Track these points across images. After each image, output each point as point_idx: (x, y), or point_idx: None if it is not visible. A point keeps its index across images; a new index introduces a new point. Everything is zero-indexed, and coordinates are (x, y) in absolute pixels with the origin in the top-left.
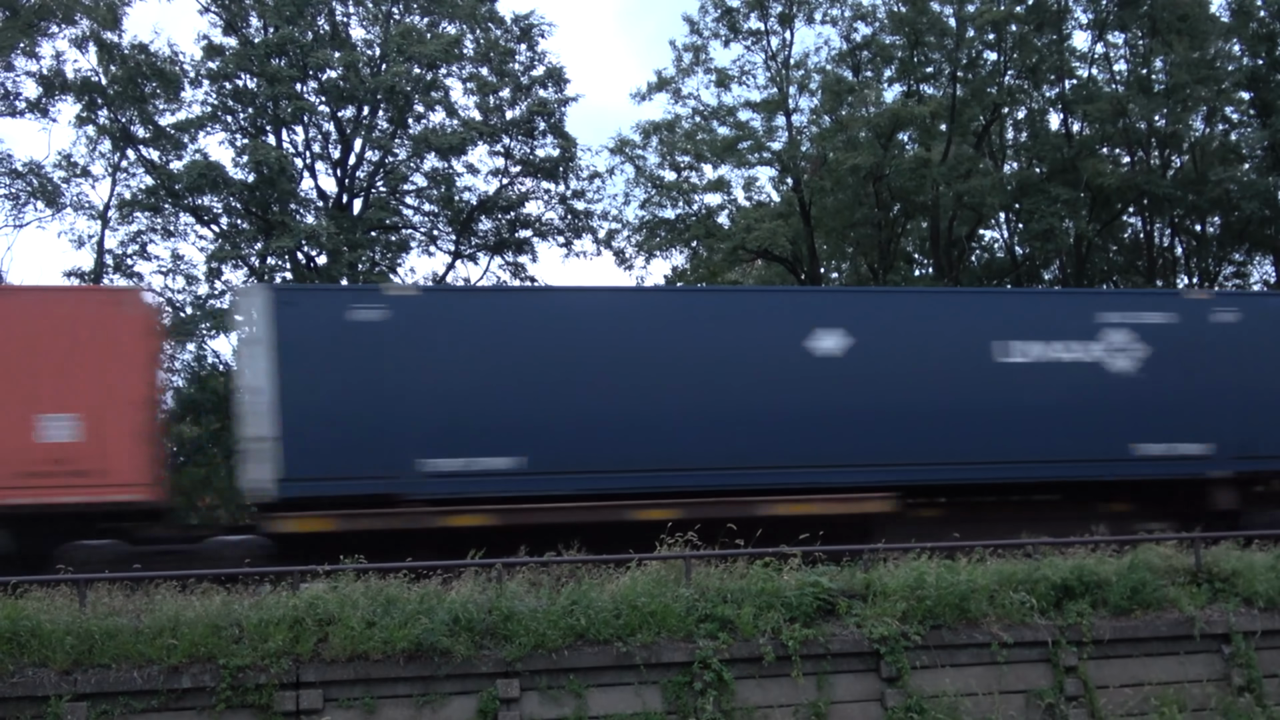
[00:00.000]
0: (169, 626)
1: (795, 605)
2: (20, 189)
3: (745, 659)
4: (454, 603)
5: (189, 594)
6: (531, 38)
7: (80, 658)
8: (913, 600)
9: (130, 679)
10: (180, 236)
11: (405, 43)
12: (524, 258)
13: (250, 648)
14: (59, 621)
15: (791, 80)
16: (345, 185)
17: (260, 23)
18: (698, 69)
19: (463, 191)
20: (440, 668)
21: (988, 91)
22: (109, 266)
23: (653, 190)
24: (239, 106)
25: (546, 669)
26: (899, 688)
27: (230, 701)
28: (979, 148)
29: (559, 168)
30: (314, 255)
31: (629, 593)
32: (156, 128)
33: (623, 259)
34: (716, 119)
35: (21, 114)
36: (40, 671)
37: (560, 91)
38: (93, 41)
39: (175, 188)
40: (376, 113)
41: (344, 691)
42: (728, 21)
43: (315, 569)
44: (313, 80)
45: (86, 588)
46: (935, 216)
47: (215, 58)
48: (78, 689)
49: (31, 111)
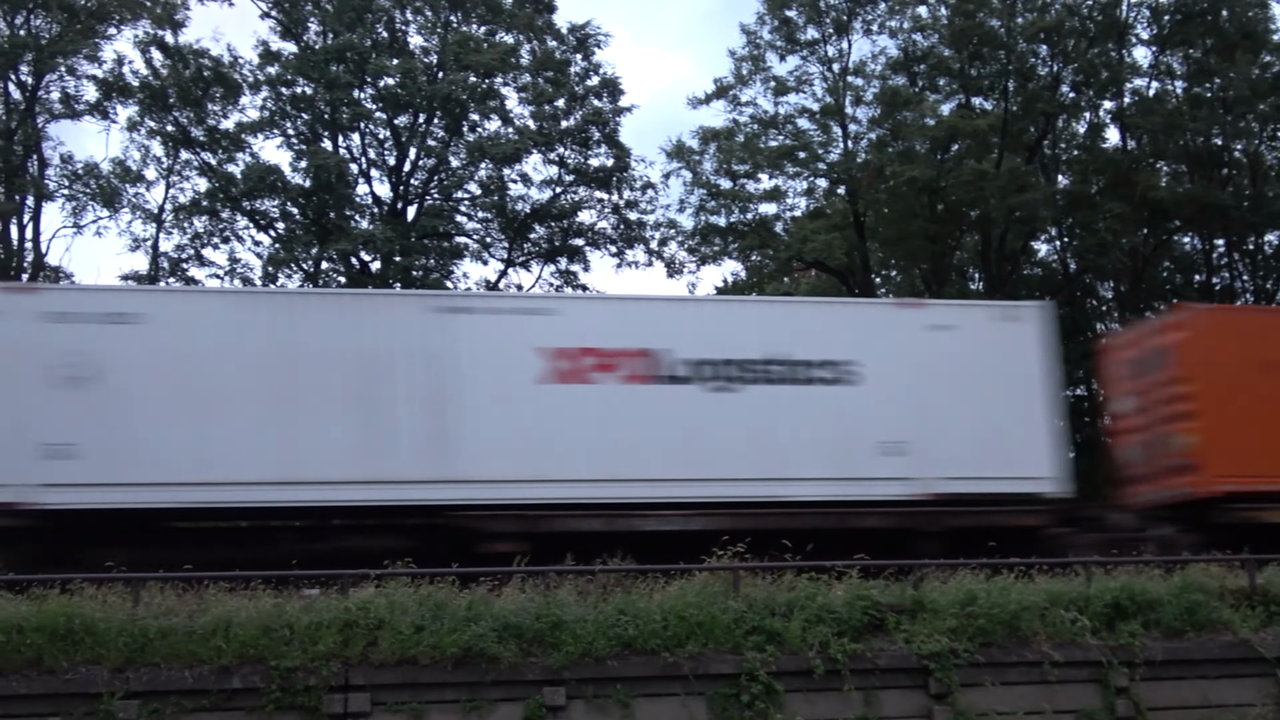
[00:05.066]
0: (221, 627)
1: (844, 619)
2: (79, 191)
3: (793, 672)
4: (502, 610)
5: (240, 594)
6: (587, 48)
7: (133, 656)
8: (963, 617)
9: (181, 678)
10: (237, 240)
11: (462, 51)
12: (576, 266)
13: (300, 650)
14: (113, 620)
15: (848, 89)
16: (400, 192)
17: (319, 29)
18: (755, 78)
19: (516, 200)
20: (487, 674)
21: (1040, 105)
22: (164, 270)
23: (708, 197)
24: (296, 112)
25: (593, 678)
26: (947, 704)
27: (280, 703)
28: (1031, 161)
29: (612, 177)
30: (369, 261)
31: (677, 603)
32: (213, 131)
33: (674, 268)
34: (774, 128)
35: (81, 117)
36: (93, 669)
37: (615, 102)
38: (154, 45)
39: (232, 192)
40: (432, 120)
41: (391, 695)
42: (784, 32)
43: (366, 572)
44: (370, 87)
45: (140, 586)
46: (987, 230)
47: (273, 63)
48: (130, 687)
49: (91, 114)
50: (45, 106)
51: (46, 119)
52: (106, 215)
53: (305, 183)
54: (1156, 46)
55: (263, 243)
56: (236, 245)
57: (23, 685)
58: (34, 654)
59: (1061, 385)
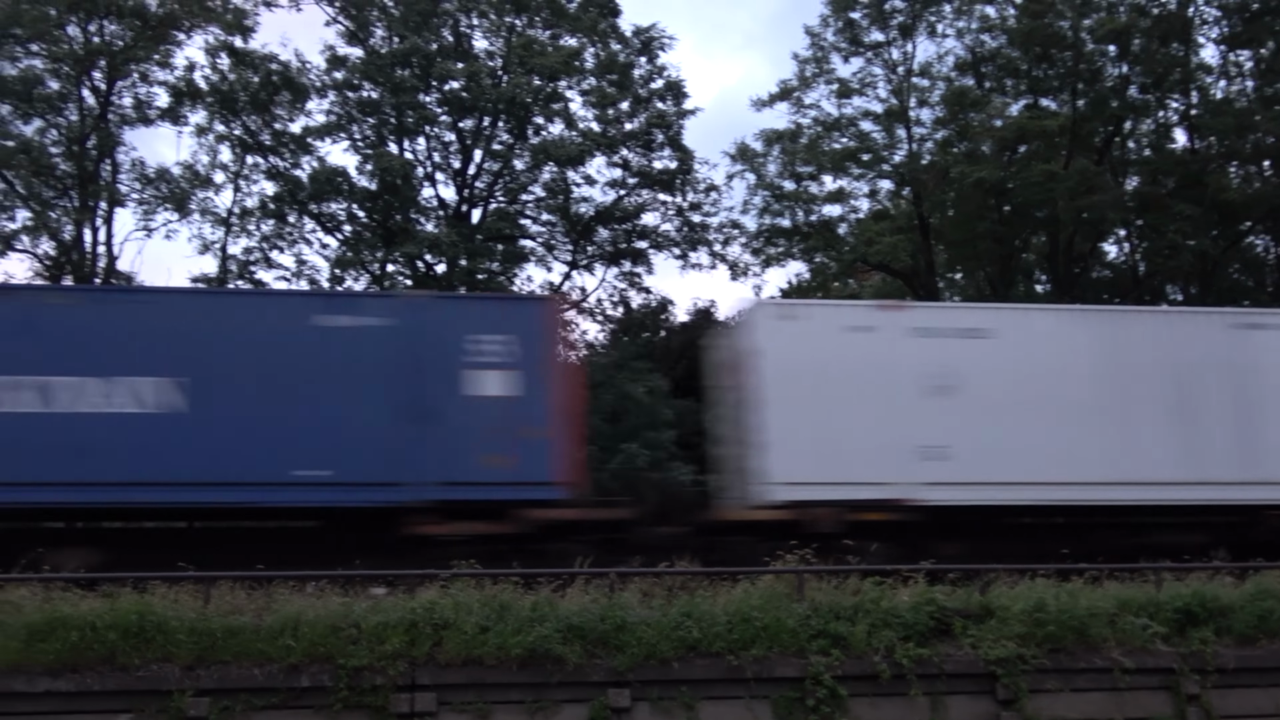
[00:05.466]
0: (289, 626)
1: (910, 624)
2: (150, 195)
3: (858, 676)
4: (567, 611)
5: (307, 593)
6: (651, 51)
7: (203, 654)
8: (1031, 623)
9: (251, 676)
10: (304, 243)
11: (527, 55)
12: (640, 268)
13: (367, 649)
14: (184, 618)
15: (913, 90)
16: (465, 195)
17: (385, 33)
18: (819, 80)
19: (580, 202)
20: (552, 675)
21: (1109, 105)
22: (232, 272)
23: (772, 199)
24: (362, 116)
25: (657, 680)
26: (1015, 710)
27: (347, 701)
28: (1100, 162)
29: (676, 180)
30: (434, 264)
31: (741, 606)
32: (280, 136)
33: (738, 270)
34: (837, 129)
35: (153, 123)
36: (165, 666)
37: (678, 104)
38: (223, 51)
39: (299, 195)
40: (497, 123)
41: (457, 695)
42: (848, 35)
43: (433, 573)
44: (435, 91)
45: (210, 585)
46: (1055, 232)
47: (339, 67)
48: (200, 684)
49: (163, 120)
50: (118, 112)
51: (119, 124)
52: (176, 219)
53: (371, 186)
54: (1225, 46)
55: (329, 245)
56: (304, 248)
57: (97, 682)
58: (107, 651)
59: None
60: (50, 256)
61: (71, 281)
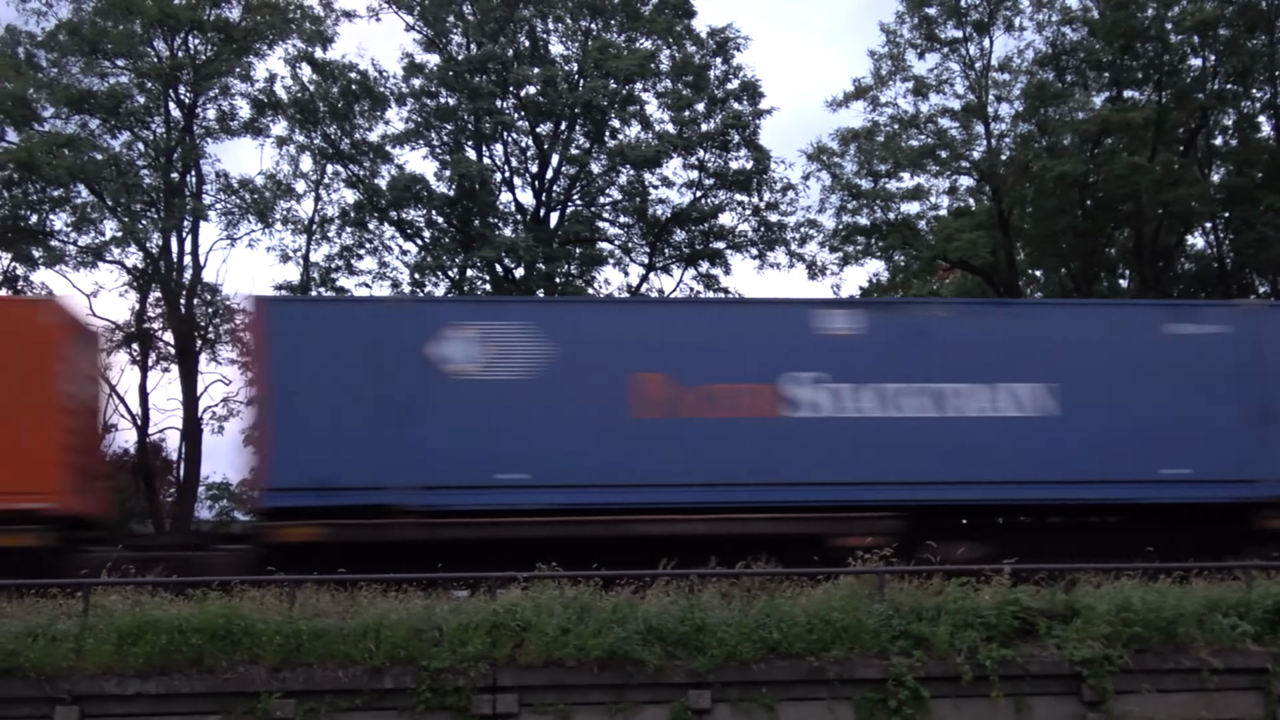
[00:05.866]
0: (372, 629)
1: (993, 624)
2: (234, 205)
3: (940, 677)
4: (647, 612)
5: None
6: (727, 51)
7: (289, 656)
8: (1118, 623)
9: (335, 678)
10: (384, 249)
11: (603, 58)
12: (717, 270)
13: (449, 651)
14: (270, 621)
15: (991, 86)
16: (542, 199)
17: (462, 39)
18: (895, 77)
19: (657, 204)
20: (632, 676)
21: (1195, 96)
22: (314, 279)
23: (849, 197)
24: (440, 123)
25: (738, 681)
26: (1102, 712)
27: (430, 703)
28: (1186, 154)
29: (752, 180)
30: (512, 268)
31: (822, 607)
32: (359, 145)
33: (815, 269)
34: (914, 126)
35: (236, 135)
36: (251, 668)
37: (754, 104)
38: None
39: (379, 203)
40: (574, 128)
41: (538, 697)
42: (924, 30)
43: (514, 575)
44: (512, 96)
45: (297, 588)
46: (1140, 226)
47: (416, 75)
48: (286, 686)
49: (245, 132)
50: (203, 125)
51: (203, 136)
52: (259, 228)
53: (450, 192)
54: None
55: (409, 251)
56: (384, 254)
57: (185, 684)
58: (195, 654)
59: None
60: (138, 267)
61: (160, 292)
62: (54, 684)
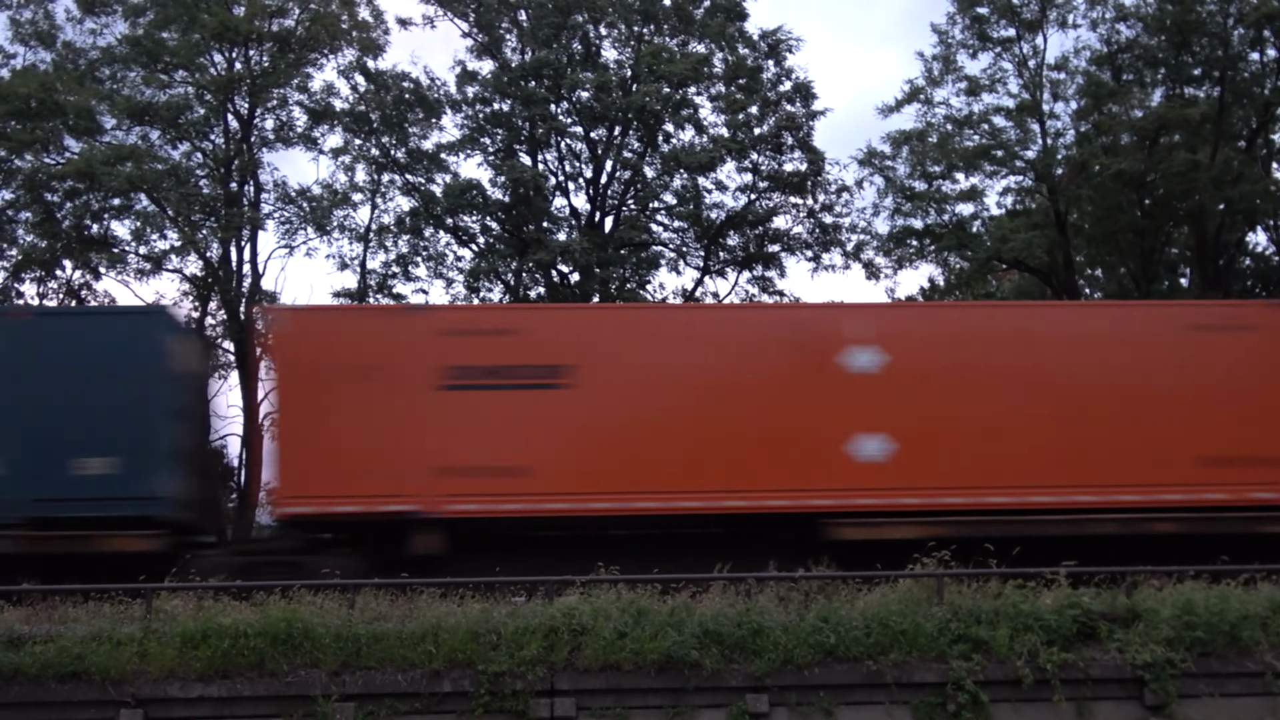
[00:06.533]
0: (431, 632)
1: (1054, 628)
2: (292, 214)
3: (1000, 681)
4: (703, 616)
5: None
6: (779, 53)
7: (348, 660)
8: (1180, 626)
9: (394, 681)
10: (439, 260)
11: (655, 63)
12: (772, 272)
13: (507, 655)
14: (330, 625)
15: (1046, 84)
16: (596, 203)
17: (516, 45)
18: (948, 78)
19: (711, 208)
20: (689, 680)
21: (1256, 92)
22: (372, 287)
23: (902, 200)
24: (494, 129)
25: (795, 685)
26: (1164, 717)
27: (488, 707)
28: (1249, 151)
29: (807, 182)
30: (568, 273)
31: (880, 611)
32: (414, 153)
33: (871, 271)
34: (968, 126)
35: (293, 145)
36: (312, 672)
37: (808, 106)
38: (358, 72)
39: (435, 210)
40: (627, 132)
41: (596, 700)
42: (976, 30)
43: (571, 579)
44: (565, 101)
45: (355, 593)
46: (1201, 224)
47: (470, 82)
48: (346, 689)
49: (300, 143)
50: (260, 135)
51: (261, 147)
52: (316, 237)
53: (504, 197)
54: None
55: (464, 257)
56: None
57: (247, 687)
58: (257, 657)
59: None
60: (198, 276)
61: (219, 300)
62: (119, 687)
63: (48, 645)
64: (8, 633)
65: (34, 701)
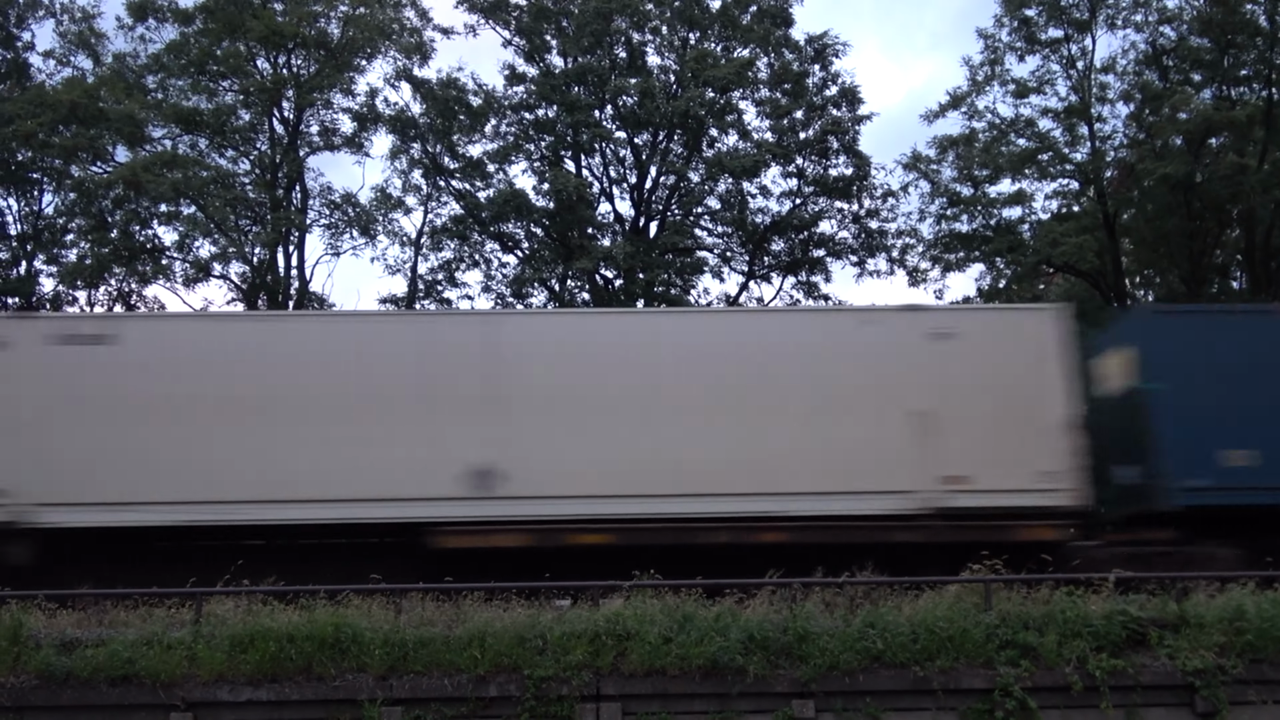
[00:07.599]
0: (477, 637)
1: (1103, 634)
2: (338, 219)
3: (1049, 688)
4: (749, 622)
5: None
6: (825, 58)
7: (395, 664)
8: (1231, 633)
9: (441, 686)
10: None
11: (700, 68)
12: (817, 277)
13: (553, 660)
14: (378, 630)
15: (1094, 86)
16: (641, 208)
17: (560, 51)
18: (993, 83)
19: (756, 213)
20: (735, 685)
21: None
22: (420, 292)
23: (948, 204)
24: (539, 135)
25: (841, 691)
26: None
27: (534, 711)
28: None
29: (852, 186)
30: (612, 278)
31: (927, 616)
32: (461, 158)
33: (916, 276)
34: (1014, 130)
35: (338, 149)
36: (359, 676)
37: (854, 110)
38: (404, 78)
39: (481, 216)
40: (671, 137)
41: (642, 706)
42: (1024, 33)
43: (617, 584)
44: (610, 107)
45: (402, 598)
46: (1251, 226)
47: (517, 85)
48: (393, 694)
49: (346, 147)
50: (306, 140)
51: (307, 151)
52: (363, 241)
53: (549, 204)
54: None
55: (509, 263)
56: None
57: (295, 691)
58: (304, 662)
59: None
60: (245, 281)
61: (265, 305)
62: (169, 691)
63: (99, 649)
64: (60, 637)
65: (86, 705)
